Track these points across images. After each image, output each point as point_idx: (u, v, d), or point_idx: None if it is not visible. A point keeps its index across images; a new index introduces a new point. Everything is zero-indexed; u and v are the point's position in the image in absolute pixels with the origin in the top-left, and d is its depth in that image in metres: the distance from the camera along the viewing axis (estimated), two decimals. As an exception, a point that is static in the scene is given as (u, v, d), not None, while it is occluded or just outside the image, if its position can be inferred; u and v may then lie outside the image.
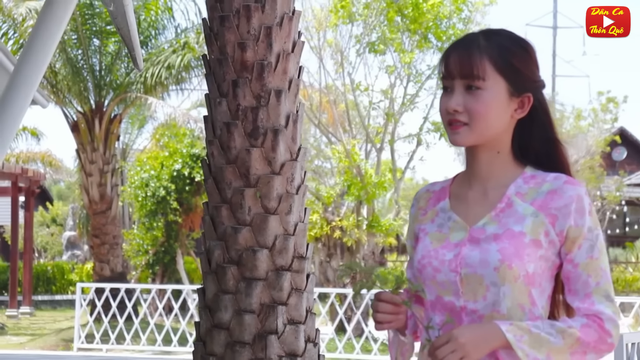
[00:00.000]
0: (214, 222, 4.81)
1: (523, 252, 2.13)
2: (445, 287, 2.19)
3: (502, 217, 2.18)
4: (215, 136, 4.83)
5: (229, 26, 4.78)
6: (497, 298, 2.13)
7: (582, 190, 2.18)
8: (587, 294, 2.16)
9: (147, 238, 20.27)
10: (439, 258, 2.20)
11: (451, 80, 2.19)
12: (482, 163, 2.24)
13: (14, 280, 22.17)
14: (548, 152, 2.26)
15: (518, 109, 2.21)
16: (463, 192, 2.28)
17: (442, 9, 16.32)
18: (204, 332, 4.85)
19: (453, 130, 2.19)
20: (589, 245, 2.16)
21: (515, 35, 2.27)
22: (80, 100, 19.26)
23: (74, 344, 14.60)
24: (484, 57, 2.17)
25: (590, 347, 2.13)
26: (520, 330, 2.09)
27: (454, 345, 2.06)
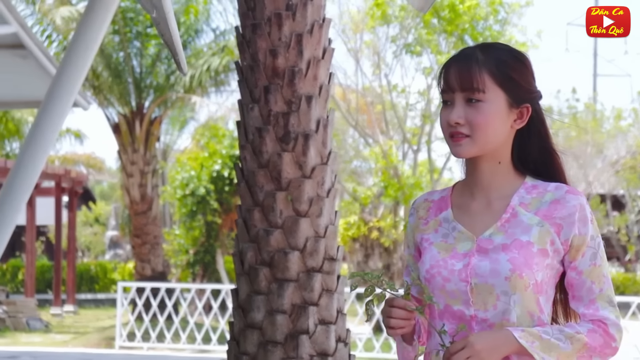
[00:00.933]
0: (246, 225, 4.94)
1: (532, 261, 2.18)
2: (455, 296, 2.23)
3: (507, 227, 2.24)
4: (247, 141, 4.95)
5: (260, 33, 4.90)
6: (508, 307, 2.18)
7: (583, 199, 2.25)
8: (592, 300, 2.23)
9: (188, 238, 20.47)
10: (448, 268, 2.24)
11: (451, 93, 2.25)
12: (484, 174, 2.29)
13: (57, 279, 22.37)
14: (545, 161, 2.32)
15: (517, 120, 2.27)
16: (465, 203, 2.32)
17: (478, 10, 16.33)
18: (237, 332, 4.97)
19: (455, 143, 2.24)
20: (592, 253, 2.23)
21: (512, 48, 2.34)
22: (121, 102, 19.52)
23: (116, 342, 14.79)
24: (483, 70, 2.22)
25: (596, 351, 2.20)
26: (532, 337, 2.16)
27: (470, 352, 2.11)
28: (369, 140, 18.62)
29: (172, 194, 20.20)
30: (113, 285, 29.39)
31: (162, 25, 4.88)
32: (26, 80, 11.93)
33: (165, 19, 4.84)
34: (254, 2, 4.91)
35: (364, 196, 17.60)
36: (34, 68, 11.61)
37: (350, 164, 24.45)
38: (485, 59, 2.24)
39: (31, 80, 11.90)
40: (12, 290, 25.93)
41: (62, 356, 12.95)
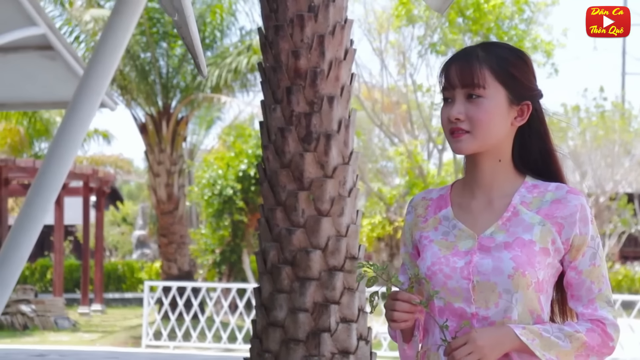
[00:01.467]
0: (269, 224, 5.00)
1: (534, 260, 2.19)
2: (456, 293, 2.23)
3: (509, 225, 2.24)
4: (270, 141, 5.01)
5: (283, 35, 4.96)
6: (510, 305, 2.19)
7: (584, 200, 2.25)
8: (591, 300, 2.24)
9: (214, 237, 20.55)
10: (450, 265, 2.24)
11: (452, 90, 2.26)
12: (485, 172, 2.29)
13: (85, 278, 22.50)
14: (545, 161, 2.33)
15: (518, 117, 2.27)
16: (465, 201, 2.32)
17: (503, 9, 16.33)
18: (260, 330, 5.03)
19: (455, 139, 2.24)
20: (592, 253, 2.24)
21: (512, 46, 2.35)
22: (148, 102, 19.64)
23: (142, 341, 14.89)
24: (483, 66, 2.23)
25: (594, 350, 2.21)
26: (532, 334, 2.17)
27: (472, 347, 2.12)
28: (395, 139, 18.65)
29: (198, 194, 20.30)
30: (140, 284, 29.54)
31: (184, 29, 4.95)
32: (54, 81, 12.05)
33: (187, 22, 4.90)
34: (277, 4, 4.97)
35: (389, 196, 17.63)
36: (61, 69, 11.73)
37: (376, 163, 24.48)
38: (486, 55, 2.25)
39: (59, 81, 12.02)
40: (41, 290, 26.13)
41: (90, 355, 13.06)
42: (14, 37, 10.78)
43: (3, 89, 12.42)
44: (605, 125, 24.51)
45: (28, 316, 18.60)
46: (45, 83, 12.30)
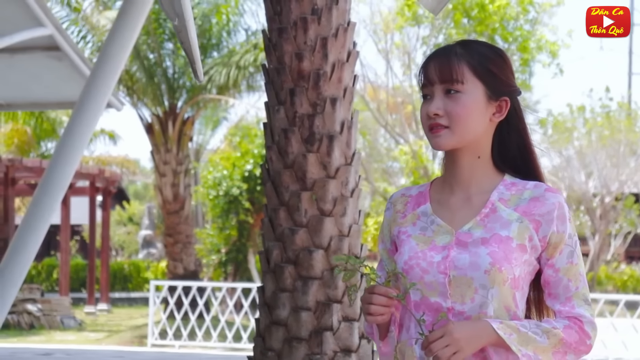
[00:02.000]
0: (272, 224, 5.06)
1: (511, 256, 2.19)
2: (433, 288, 2.23)
3: (487, 221, 2.24)
4: (273, 142, 5.07)
5: (286, 37, 5.02)
6: (485, 300, 2.19)
7: (562, 198, 2.25)
8: (568, 298, 2.24)
9: (220, 237, 20.62)
10: (427, 260, 2.24)
11: (431, 87, 2.27)
12: (464, 168, 2.30)
13: (91, 278, 22.55)
14: (523, 158, 2.34)
15: (496, 113, 2.28)
16: (444, 197, 2.32)
17: (508, 10, 16.37)
18: (263, 328, 5.09)
19: (434, 134, 2.24)
20: (569, 251, 2.25)
21: (490, 44, 2.37)
22: (154, 102, 19.71)
23: (148, 340, 14.95)
24: (461, 61, 2.24)
25: (571, 347, 2.22)
26: (510, 329, 2.16)
27: (449, 340, 2.12)
28: (400, 140, 18.71)
29: (204, 193, 20.36)
30: (146, 284, 29.61)
31: (183, 34, 5.01)
32: (61, 81, 12.13)
33: (186, 28, 4.96)
34: (281, 7, 5.03)
35: (394, 196, 17.70)
36: (68, 69, 11.80)
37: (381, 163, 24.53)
38: (464, 52, 2.27)
39: (66, 81, 12.09)
40: (47, 289, 26.21)
41: (96, 354, 13.12)
42: (21, 37, 10.85)
43: (10, 89, 12.50)
44: (611, 126, 24.52)
45: (34, 315, 18.67)
46: (51, 83, 12.38)
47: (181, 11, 4.90)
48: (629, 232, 28.22)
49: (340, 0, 5.04)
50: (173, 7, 4.96)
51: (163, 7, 5.20)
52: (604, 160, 25.99)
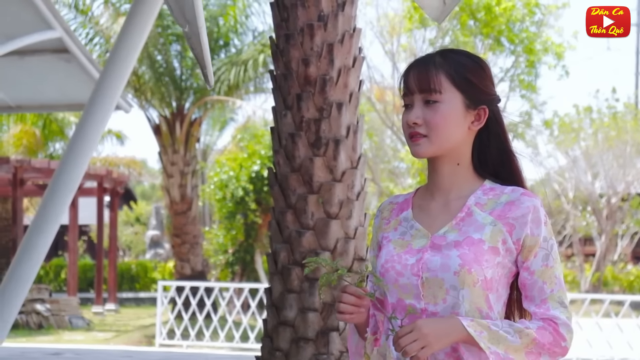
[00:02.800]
0: (279, 226, 5.15)
1: (482, 258, 2.23)
2: (407, 290, 2.28)
3: (462, 225, 2.29)
4: (281, 146, 5.17)
5: (293, 43, 5.11)
6: (457, 301, 2.23)
7: (537, 202, 2.28)
8: (543, 300, 2.26)
9: (227, 237, 20.71)
10: (401, 262, 2.29)
11: (411, 96, 2.32)
12: (444, 175, 2.34)
13: (99, 278, 22.61)
14: (504, 163, 2.37)
15: (475, 122, 2.32)
16: (425, 203, 2.38)
17: (514, 12, 16.42)
18: (270, 329, 5.18)
19: (414, 142, 2.30)
20: (544, 254, 2.27)
21: (470, 53, 2.41)
22: (161, 104, 19.80)
23: (156, 340, 15.04)
24: (440, 72, 2.29)
25: (545, 348, 2.23)
26: (480, 327, 2.19)
27: (417, 335, 2.15)
28: (405, 140, 18.80)
29: (211, 193, 20.44)
30: (153, 284, 29.70)
31: (194, 40, 5.10)
32: (70, 83, 12.22)
33: (197, 34, 5.05)
34: (288, 13, 5.12)
35: (400, 197, 17.77)
36: (77, 72, 11.90)
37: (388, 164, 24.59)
38: (443, 61, 2.31)
39: (75, 83, 12.18)
40: (55, 289, 26.30)
41: (105, 353, 13.22)
42: (31, 40, 10.96)
43: (20, 91, 12.59)
44: (617, 126, 24.55)
45: (43, 315, 18.77)
46: (60, 85, 12.48)
47: (192, 18, 4.99)
48: (636, 233, 28.24)
49: (346, 7, 5.13)
50: (183, 14, 5.06)
51: (173, 14, 5.30)
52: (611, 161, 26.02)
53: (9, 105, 12.53)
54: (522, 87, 18.47)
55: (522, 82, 18.00)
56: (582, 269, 29.68)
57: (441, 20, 4.67)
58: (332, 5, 5.11)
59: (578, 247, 30.45)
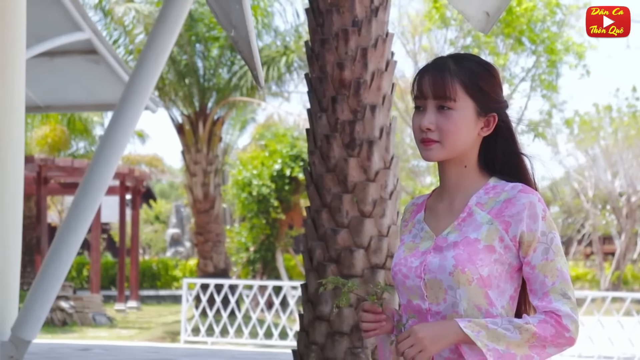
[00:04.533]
0: (315, 224, 5.32)
1: (476, 257, 2.29)
2: (413, 291, 2.36)
3: (463, 226, 2.35)
4: (316, 147, 5.33)
5: (328, 48, 5.28)
6: (455, 300, 2.30)
7: (534, 197, 2.33)
8: (545, 293, 2.30)
9: (249, 236, 20.86)
10: (407, 265, 2.38)
11: (424, 100, 2.37)
12: (452, 177, 2.41)
13: (121, 275, 22.77)
14: (511, 163, 2.44)
15: (484, 128, 2.39)
16: (435, 205, 2.46)
17: (535, 12, 16.49)
18: (306, 324, 5.35)
19: (426, 147, 2.36)
20: (544, 248, 2.31)
21: (482, 59, 2.46)
22: (185, 103, 19.98)
23: (181, 336, 15.21)
24: (455, 80, 2.34)
25: (547, 341, 2.27)
26: (478, 326, 2.25)
27: (413, 340, 2.23)
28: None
29: (234, 193, 20.60)
30: (174, 282, 29.92)
31: (241, 43, 5.26)
32: (98, 84, 12.40)
33: (246, 38, 5.21)
34: (323, 19, 5.29)
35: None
36: (105, 72, 12.08)
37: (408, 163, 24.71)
38: (458, 69, 2.36)
39: (102, 84, 12.37)
40: (77, 287, 26.52)
41: (132, 349, 13.41)
42: (61, 42, 11.17)
43: (49, 92, 12.79)
44: (637, 125, 24.60)
45: (67, 312, 18.98)
46: (89, 86, 12.66)
47: (239, 22, 5.15)
48: (656, 231, 28.25)
49: (379, 13, 5.29)
50: (229, 19, 5.22)
51: (219, 20, 5.47)
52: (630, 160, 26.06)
53: (38, 106, 12.71)
54: (544, 87, 18.57)
55: (544, 81, 18.08)
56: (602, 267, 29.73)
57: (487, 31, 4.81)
58: (366, 11, 5.27)
59: (598, 245, 30.49)
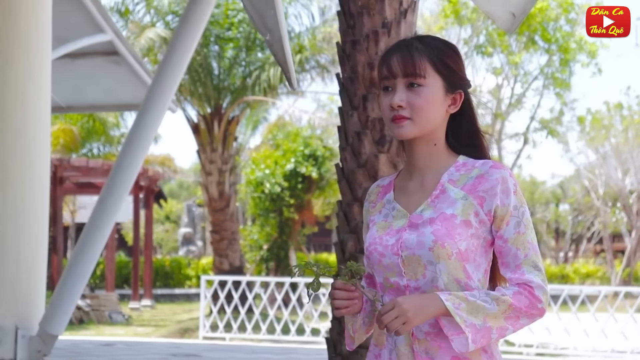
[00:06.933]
0: (346, 218, 5.52)
1: (454, 232, 2.33)
2: (390, 269, 2.38)
3: (437, 202, 2.39)
4: (347, 143, 5.54)
5: (359, 49, 5.48)
6: (435, 275, 2.34)
7: (506, 172, 2.38)
8: (518, 265, 2.36)
9: (262, 234, 21.06)
10: (382, 244, 2.40)
11: (393, 79, 2.40)
12: (421, 155, 2.45)
13: (136, 274, 22.94)
14: (473, 141, 2.49)
15: (452, 105, 2.43)
16: (404, 184, 2.49)
17: (548, 11, 16.65)
18: (339, 313, 5.55)
19: (397, 124, 2.38)
20: (516, 222, 2.36)
21: (445, 39, 2.52)
22: (200, 103, 20.17)
23: (200, 332, 15.40)
24: (423, 57, 2.38)
25: (522, 312, 2.33)
26: (458, 299, 2.29)
27: (398, 312, 2.24)
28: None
29: (248, 192, 20.78)
30: (187, 280, 30.15)
31: (276, 47, 5.46)
32: (119, 84, 12.62)
33: (280, 41, 5.42)
34: (354, 21, 5.50)
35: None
36: (126, 73, 12.29)
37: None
38: (424, 47, 2.41)
39: (123, 84, 12.58)
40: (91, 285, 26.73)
41: (153, 345, 13.60)
42: (83, 43, 11.39)
43: (71, 93, 13.00)
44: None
45: (84, 310, 19.21)
46: (110, 86, 12.88)
47: (274, 26, 5.36)
48: (665, 228, 28.37)
49: (407, 15, 5.50)
50: (265, 24, 5.43)
51: (255, 24, 5.68)
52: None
53: (60, 106, 12.93)
54: (556, 85, 18.71)
55: (557, 80, 18.23)
56: (612, 264, 29.86)
57: (512, 31, 4.98)
58: (395, 13, 5.47)
59: (608, 243, 30.63)
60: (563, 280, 30.27)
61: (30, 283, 9.85)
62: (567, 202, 38.12)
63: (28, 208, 9.89)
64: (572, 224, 37.75)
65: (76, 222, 31.87)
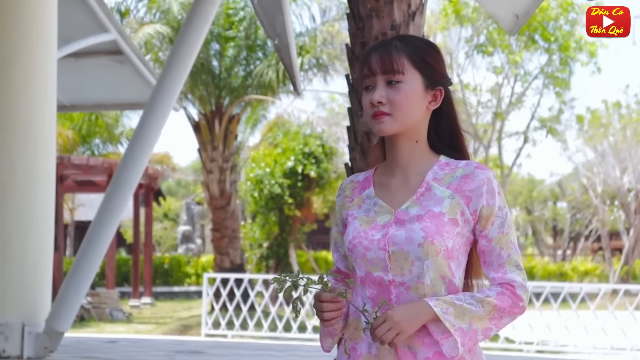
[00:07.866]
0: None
1: (443, 229, 2.35)
2: (375, 263, 2.39)
3: (422, 200, 2.41)
4: (357, 143, 5.62)
5: (368, 50, 5.58)
6: (422, 271, 2.35)
7: (490, 174, 2.42)
8: (501, 265, 2.40)
9: (262, 232, 21.12)
10: (368, 238, 2.40)
11: (373, 77, 2.43)
12: (403, 152, 2.46)
13: (136, 272, 22.96)
14: (454, 142, 2.53)
15: (432, 101, 2.45)
16: (386, 180, 2.48)
17: (548, 11, 16.73)
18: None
19: (377, 120, 2.40)
20: (500, 222, 2.40)
21: (425, 38, 2.58)
22: (201, 102, 20.22)
23: (202, 329, 15.43)
24: (401, 54, 2.41)
25: (505, 311, 2.38)
26: (446, 304, 2.32)
27: (390, 324, 2.28)
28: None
29: (248, 190, 20.83)
30: (187, 278, 30.20)
31: (283, 51, 5.53)
32: (123, 83, 12.70)
33: (287, 46, 5.49)
34: (363, 23, 5.58)
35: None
36: (130, 72, 12.39)
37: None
38: (403, 45, 2.45)
39: (128, 83, 12.67)
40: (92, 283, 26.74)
41: (157, 342, 13.64)
42: (88, 43, 11.47)
43: (75, 92, 13.08)
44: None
45: (84, 308, 19.25)
46: (114, 85, 12.96)
47: (282, 31, 5.43)
48: (664, 227, 28.46)
49: (416, 17, 5.58)
50: (274, 29, 5.51)
51: (264, 28, 5.77)
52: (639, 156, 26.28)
53: (64, 105, 13.01)
54: (556, 84, 18.81)
55: (557, 79, 18.33)
56: (611, 262, 29.97)
57: (515, 32, 5.06)
58: (404, 16, 5.56)
59: (606, 241, 30.72)
60: (561, 278, 30.36)
61: (36, 281, 9.97)
62: (566, 200, 38.20)
63: (34, 207, 10.01)
64: (570, 222, 37.83)
65: (75, 220, 31.87)
